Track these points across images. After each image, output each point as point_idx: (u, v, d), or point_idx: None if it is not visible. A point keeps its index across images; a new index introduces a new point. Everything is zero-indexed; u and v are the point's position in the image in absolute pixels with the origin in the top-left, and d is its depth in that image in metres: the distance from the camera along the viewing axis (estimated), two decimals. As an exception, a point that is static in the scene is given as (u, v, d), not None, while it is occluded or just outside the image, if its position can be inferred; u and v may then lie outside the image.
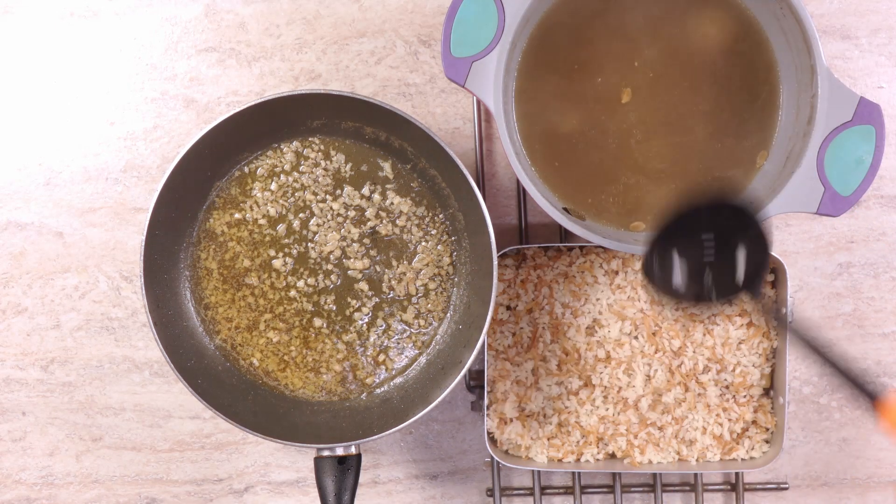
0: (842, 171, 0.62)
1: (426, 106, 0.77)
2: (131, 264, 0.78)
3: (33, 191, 0.78)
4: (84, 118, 0.78)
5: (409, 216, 0.72)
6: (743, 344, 0.73)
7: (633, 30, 0.67)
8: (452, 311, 0.73)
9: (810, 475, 0.78)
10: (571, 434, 0.74)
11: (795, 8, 0.62)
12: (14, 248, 0.78)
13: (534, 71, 0.67)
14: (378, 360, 0.73)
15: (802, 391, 0.78)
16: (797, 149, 0.63)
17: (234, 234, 0.72)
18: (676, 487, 0.77)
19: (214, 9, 0.77)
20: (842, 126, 0.62)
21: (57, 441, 0.79)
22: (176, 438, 0.79)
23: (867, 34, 0.76)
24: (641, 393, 0.73)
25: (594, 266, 0.73)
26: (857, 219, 0.77)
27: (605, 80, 0.67)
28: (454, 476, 0.79)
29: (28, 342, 0.78)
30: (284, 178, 0.72)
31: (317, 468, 0.67)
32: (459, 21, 0.63)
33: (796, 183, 0.62)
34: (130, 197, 0.78)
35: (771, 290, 0.73)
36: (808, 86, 0.63)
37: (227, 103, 0.77)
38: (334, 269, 0.72)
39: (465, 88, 0.64)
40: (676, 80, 0.67)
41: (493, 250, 0.66)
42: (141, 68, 0.77)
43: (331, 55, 0.77)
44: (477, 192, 0.66)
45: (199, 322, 0.72)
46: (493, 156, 0.77)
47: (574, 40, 0.67)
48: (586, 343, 0.73)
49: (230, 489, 0.79)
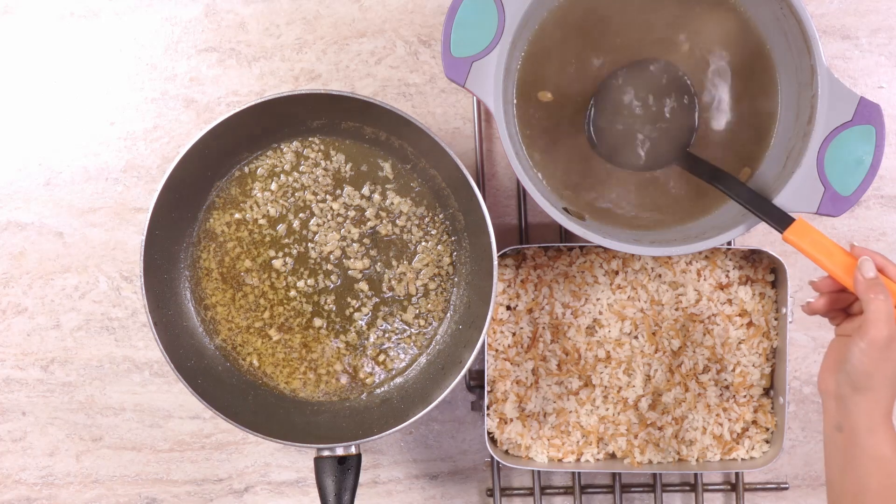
0: (842, 171, 0.62)
1: (426, 106, 0.77)
2: (131, 264, 0.78)
3: (33, 191, 0.78)
4: (84, 118, 0.78)
5: (409, 216, 0.72)
6: (743, 344, 0.73)
7: (632, 31, 0.67)
8: (452, 311, 0.73)
9: (810, 475, 0.78)
10: (571, 434, 0.74)
11: (795, 8, 0.62)
12: (14, 248, 0.78)
13: (534, 71, 0.67)
14: (378, 360, 0.73)
15: (802, 391, 0.78)
16: (797, 149, 0.63)
17: (234, 234, 0.72)
18: (676, 487, 0.77)
19: (214, 9, 0.77)
20: (842, 126, 0.62)
21: (57, 441, 0.79)
22: (176, 438, 0.79)
23: (867, 34, 0.76)
24: (641, 393, 0.73)
25: (594, 266, 0.73)
26: (857, 219, 0.77)
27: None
28: (454, 476, 0.79)
29: (28, 342, 0.78)
30: (284, 178, 0.72)
31: (317, 468, 0.67)
32: (459, 21, 0.63)
33: (796, 183, 0.62)
34: (130, 197, 0.78)
35: (771, 290, 0.73)
36: (808, 86, 0.63)
37: (227, 103, 0.77)
38: (334, 269, 0.72)
39: (465, 88, 0.63)
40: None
41: (493, 250, 0.66)
42: (141, 68, 0.77)
43: (331, 55, 0.77)
44: (477, 192, 0.66)
45: (199, 322, 0.72)
46: (493, 156, 0.77)
47: (574, 41, 0.67)
48: (586, 343, 0.73)
49: (230, 489, 0.79)
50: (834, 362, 0.59)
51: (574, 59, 0.67)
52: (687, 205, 0.68)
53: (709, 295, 0.73)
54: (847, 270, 0.58)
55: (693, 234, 0.66)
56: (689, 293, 0.73)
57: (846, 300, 0.61)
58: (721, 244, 0.65)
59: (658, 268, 0.73)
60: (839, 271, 0.59)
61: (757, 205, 0.61)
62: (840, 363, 0.58)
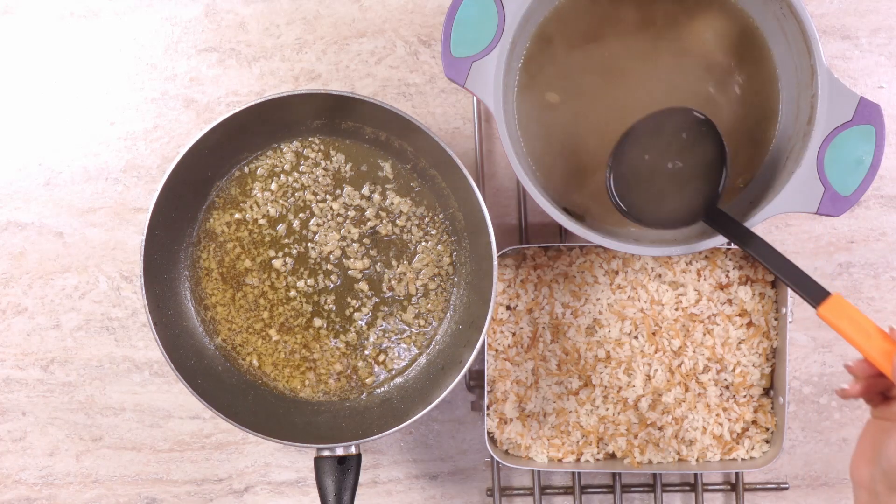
0: (842, 171, 0.62)
1: (426, 106, 0.77)
2: (131, 264, 0.78)
3: (33, 191, 0.78)
4: (84, 118, 0.78)
5: (409, 216, 0.72)
6: (743, 344, 0.73)
7: (633, 31, 0.67)
8: (452, 311, 0.73)
9: (810, 475, 0.78)
10: (571, 434, 0.74)
11: (795, 8, 0.62)
12: (14, 248, 0.78)
13: (534, 71, 0.67)
14: (378, 360, 0.73)
15: (802, 391, 0.78)
16: (797, 149, 0.63)
17: (234, 234, 0.72)
18: (676, 487, 0.77)
19: (214, 9, 0.77)
20: (842, 126, 0.62)
21: (57, 441, 0.79)
22: (176, 438, 0.79)
23: (867, 34, 0.76)
24: (641, 393, 0.73)
25: (594, 266, 0.73)
26: (857, 219, 0.77)
27: (605, 81, 0.67)
28: (454, 476, 0.79)
29: (28, 342, 0.78)
30: (284, 178, 0.72)
31: (317, 468, 0.67)
32: (459, 21, 0.63)
33: (796, 183, 0.62)
34: (130, 197, 0.78)
35: (771, 290, 0.73)
36: (808, 86, 0.63)
37: (227, 103, 0.77)
38: (334, 269, 0.72)
39: (465, 88, 0.64)
40: (676, 81, 0.67)
41: (493, 250, 0.66)
42: (141, 68, 0.77)
43: (331, 55, 0.77)
44: (477, 192, 0.66)
45: (199, 322, 0.72)
46: (493, 156, 0.77)
47: (574, 41, 0.67)
48: (586, 343, 0.73)
49: (230, 489, 0.79)
50: (869, 448, 0.54)
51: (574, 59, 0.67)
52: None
53: (709, 295, 0.73)
54: (886, 356, 0.53)
55: (693, 235, 0.66)
56: (689, 293, 0.73)
57: (884, 384, 0.55)
58: (721, 244, 0.65)
59: (658, 268, 0.73)
60: (877, 356, 0.53)
61: (790, 274, 0.57)
62: (876, 453, 0.53)
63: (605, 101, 0.68)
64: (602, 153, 0.68)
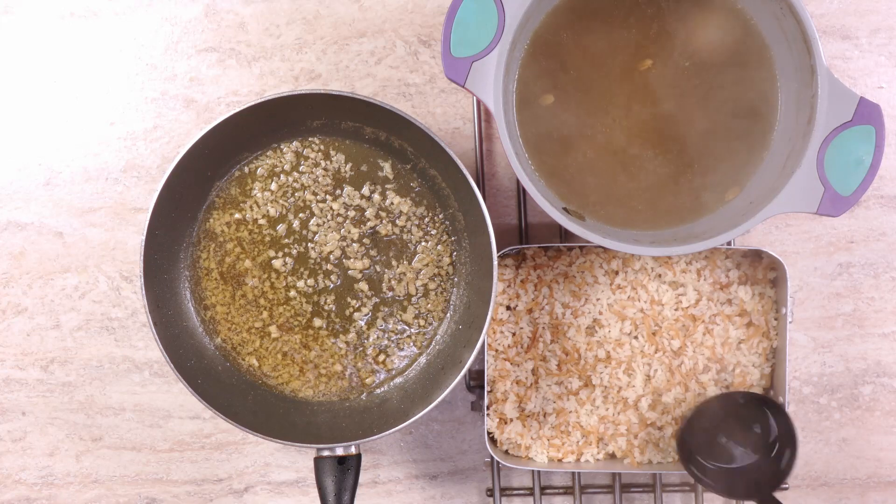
0: (842, 171, 0.62)
1: (426, 106, 0.77)
2: (131, 264, 0.78)
3: (33, 191, 0.78)
4: (84, 118, 0.78)
5: (409, 216, 0.72)
6: (743, 344, 0.73)
7: (633, 31, 0.67)
8: (452, 311, 0.73)
9: (810, 475, 0.78)
10: (571, 434, 0.74)
11: (795, 8, 0.62)
12: (14, 248, 0.78)
13: (534, 71, 0.67)
14: (378, 360, 0.73)
15: (802, 391, 0.78)
16: (797, 149, 0.63)
17: (234, 234, 0.72)
18: (676, 487, 0.77)
19: (214, 9, 0.77)
20: (842, 126, 0.62)
21: (57, 441, 0.79)
22: (176, 438, 0.79)
23: (867, 34, 0.76)
24: (641, 393, 0.73)
25: (594, 266, 0.73)
26: (857, 219, 0.77)
27: (605, 81, 0.67)
28: (454, 476, 0.79)
29: (28, 342, 0.78)
30: (284, 178, 0.72)
31: (317, 468, 0.67)
32: (459, 21, 0.63)
33: (796, 183, 0.62)
34: (130, 197, 0.78)
35: (771, 290, 0.73)
36: (808, 86, 0.63)
37: (227, 103, 0.77)
38: (334, 270, 0.72)
39: (465, 88, 0.63)
40: (676, 81, 0.67)
41: (493, 250, 0.66)
42: (141, 68, 0.77)
43: (331, 55, 0.77)
44: (477, 192, 0.66)
45: (199, 322, 0.72)
46: (493, 156, 0.77)
47: (574, 41, 0.67)
48: (586, 343, 0.73)
49: (230, 489, 0.79)
50: None
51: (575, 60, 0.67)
52: (687, 205, 0.68)
53: (709, 295, 0.73)
54: None
55: (693, 234, 0.66)
56: (689, 293, 0.73)
57: None
58: (721, 244, 0.65)
59: (658, 268, 0.73)
60: None
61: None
62: None
63: (606, 100, 0.68)
64: (602, 153, 0.68)
